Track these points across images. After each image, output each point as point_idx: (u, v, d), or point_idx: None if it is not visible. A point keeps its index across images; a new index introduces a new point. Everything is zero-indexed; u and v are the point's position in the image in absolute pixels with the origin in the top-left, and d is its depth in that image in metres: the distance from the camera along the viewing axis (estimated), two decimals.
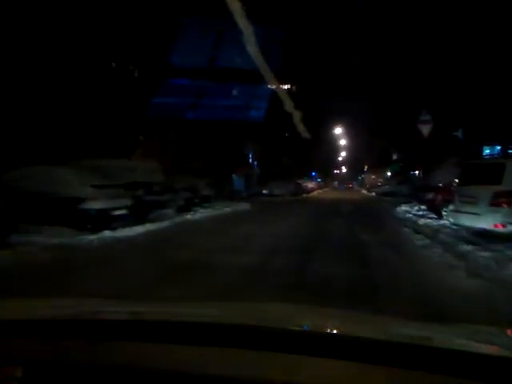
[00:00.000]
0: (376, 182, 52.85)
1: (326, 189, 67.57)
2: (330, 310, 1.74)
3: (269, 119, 21.87)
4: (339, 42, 42.71)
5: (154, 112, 17.51)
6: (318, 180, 71.42)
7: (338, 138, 62.61)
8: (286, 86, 37.80)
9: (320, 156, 64.43)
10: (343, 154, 76.49)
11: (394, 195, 33.69)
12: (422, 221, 12.48)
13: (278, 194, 35.64)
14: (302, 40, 36.16)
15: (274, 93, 22.70)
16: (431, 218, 12.90)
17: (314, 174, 70.69)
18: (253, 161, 51.24)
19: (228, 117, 20.54)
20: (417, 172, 47.79)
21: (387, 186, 37.43)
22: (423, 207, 16.35)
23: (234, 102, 19.69)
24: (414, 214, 14.60)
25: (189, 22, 17.06)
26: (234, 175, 44.96)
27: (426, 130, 17.77)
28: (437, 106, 20.12)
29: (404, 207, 17.69)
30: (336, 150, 71.49)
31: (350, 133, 58.88)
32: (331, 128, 58.77)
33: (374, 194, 42.59)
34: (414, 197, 19.45)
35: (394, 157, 41.59)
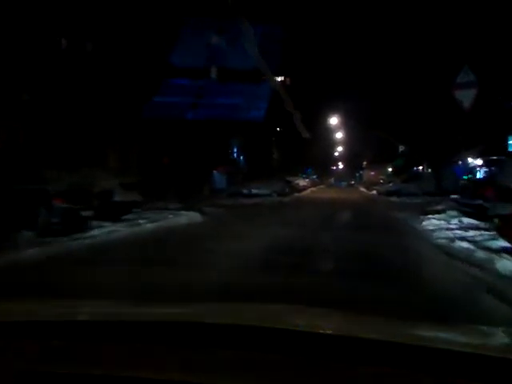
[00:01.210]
0: (376, 179, 45.86)
1: (321, 186, 60.62)
2: (328, 311, 1.57)
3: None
4: (334, 17, 35.60)
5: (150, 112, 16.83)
6: (313, 177, 65.07)
7: (333, 131, 55.29)
8: (279, 78, 32.07)
9: (316, 151, 57.61)
10: (339, 148, 69.07)
11: (400, 195, 27.08)
12: (506, 265, 5.58)
13: (262, 193, 28.95)
14: (294, 23, 30.12)
15: (267, 86, 20.38)
16: None
17: (309, 170, 64.55)
18: (238, 156, 44.57)
19: (225, 116, 19.97)
20: (420, 168, 40.98)
21: (391, 184, 30.39)
22: (470, 222, 9.52)
23: (228, 101, 18.75)
24: (469, 240, 7.70)
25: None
26: (215, 172, 39.34)
27: (468, 97, 10.88)
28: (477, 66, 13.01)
29: (435, 220, 10.72)
30: (332, 144, 64.26)
31: (347, 124, 51.71)
32: (326, 121, 51.47)
33: (374, 192, 35.73)
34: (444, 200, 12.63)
35: (401, 148, 34.46)
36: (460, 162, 33.88)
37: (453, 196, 13.17)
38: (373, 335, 1.01)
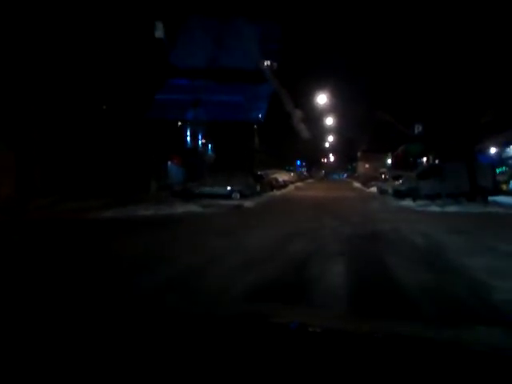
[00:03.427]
0: (374, 172, 35.98)
1: (309, 180, 50.87)
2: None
3: None
4: None
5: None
6: (301, 170, 55.63)
7: (323, 116, 45.24)
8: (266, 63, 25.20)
9: (304, 142, 47.70)
10: (330, 138, 59.12)
11: (416, 197, 17.59)
12: None
13: (219, 193, 19.73)
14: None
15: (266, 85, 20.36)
16: None
17: (298, 162, 55.19)
18: (205, 145, 34.51)
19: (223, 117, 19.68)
20: (424, 159, 31.16)
21: (401, 181, 20.56)
22: None
23: (226, 100, 18.20)
24: None
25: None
26: (169, 164, 30.03)
27: None
28: None
29: None
30: (321, 134, 54.25)
31: (339, 108, 41.66)
32: (315, 106, 41.27)
33: (374, 190, 26.01)
34: None
35: (418, 129, 24.34)
36: (494, 151, 24.20)
37: None
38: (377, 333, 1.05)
